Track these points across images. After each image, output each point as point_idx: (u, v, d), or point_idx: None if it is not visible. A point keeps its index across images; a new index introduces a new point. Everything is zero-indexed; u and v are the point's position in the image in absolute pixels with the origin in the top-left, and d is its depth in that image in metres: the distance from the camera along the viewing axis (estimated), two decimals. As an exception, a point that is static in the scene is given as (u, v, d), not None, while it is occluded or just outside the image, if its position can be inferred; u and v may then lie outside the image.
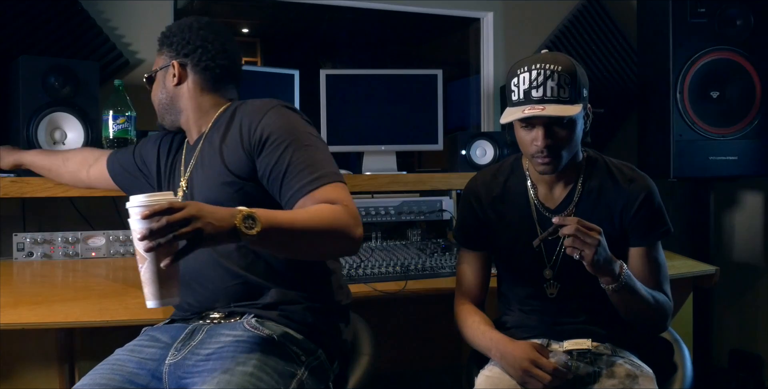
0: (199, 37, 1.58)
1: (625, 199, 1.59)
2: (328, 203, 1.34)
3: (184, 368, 1.38)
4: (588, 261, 1.41)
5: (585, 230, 1.40)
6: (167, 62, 1.61)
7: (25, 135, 2.18)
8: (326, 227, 1.30)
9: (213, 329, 1.45)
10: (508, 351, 1.54)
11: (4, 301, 1.70)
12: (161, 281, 1.18)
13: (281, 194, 1.42)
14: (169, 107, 1.63)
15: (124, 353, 1.45)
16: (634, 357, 1.61)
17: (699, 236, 3.05)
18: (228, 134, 1.51)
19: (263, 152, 1.43)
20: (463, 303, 1.71)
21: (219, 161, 1.49)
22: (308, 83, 2.77)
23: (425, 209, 2.53)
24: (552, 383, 1.47)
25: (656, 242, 1.62)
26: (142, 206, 1.16)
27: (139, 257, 1.17)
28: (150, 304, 1.20)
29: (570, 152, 1.55)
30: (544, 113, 1.46)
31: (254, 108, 1.50)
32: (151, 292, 1.18)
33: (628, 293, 1.49)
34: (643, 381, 1.53)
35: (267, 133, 1.43)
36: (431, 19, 3.22)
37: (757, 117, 2.86)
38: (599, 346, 1.60)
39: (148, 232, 1.12)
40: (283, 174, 1.40)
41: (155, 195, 1.17)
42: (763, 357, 3.23)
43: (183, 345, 1.43)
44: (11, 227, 2.35)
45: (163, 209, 1.13)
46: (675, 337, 1.75)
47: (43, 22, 2.40)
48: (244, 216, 1.18)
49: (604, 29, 3.23)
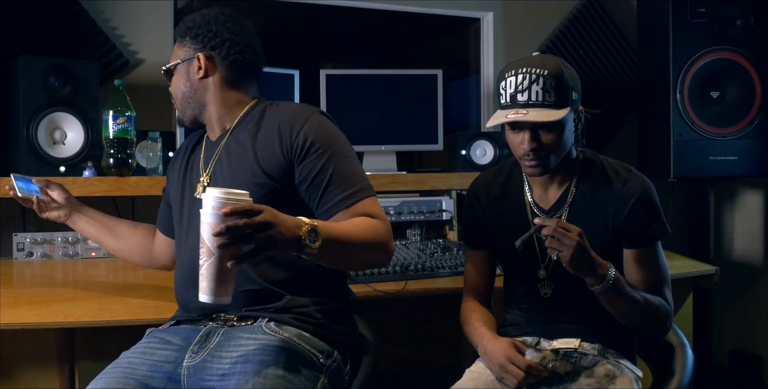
0: (227, 29, 1.54)
1: (618, 200, 1.58)
2: (368, 217, 1.40)
3: (207, 371, 1.37)
4: (566, 262, 1.42)
5: (563, 231, 1.40)
6: (191, 54, 1.56)
7: (25, 135, 2.18)
8: (370, 241, 1.36)
9: (229, 332, 1.43)
10: (489, 347, 1.57)
11: (4, 301, 1.70)
12: (221, 279, 1.17)
13: (320, 202, 1.44)
14: (192, 100, 1.58)
15: (134, 356, 1.42)
16: (623, 359, 1.61)
17: (699, 236, 3.05)
18: (260, 133, 1.50)
19: (306, 159, 1.44)
20: (468, 300, 1.74)
21: (252, 160, 1.47)
22: (308, 83, 2.77)
23: (425, 209, 2.53)
24: (526, 380, 1.49)
25: (652, 245, 1.59)
26: (222, 201, 1.15)
27: (206, 250, 1.16)
28: (203, 298, 1.19)
29: (558, 154, 1.56)
30: (527, 118, 1.47)
31: (294, 111, 1.50)
32: (209, 287, 1.18)
33: (615, 295, 1.48)
34: (620, 382, 1.53)
35: (310, 140, 1.44)
36: (431, 19, 3.22)
37: (757, 117, 2.86)
38: (587, 346, 1.60)
39: (225, 229, 1.12)
40: (325, 184, 1.43)
41: (232, 192, 1.17)
42: (763, 357, 3.23)
43: (200, 348, 1.40)
44: (11, 227, 2.35)
45: (244, 210, 1.14)
46: (682, 342, 1.71)
47: (43, 22, 2.40)
48: (309, 229, 1.21)
49: (604, 29, 3.23)
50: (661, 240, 1.61)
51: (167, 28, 2.64)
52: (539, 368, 1.51)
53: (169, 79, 1.63)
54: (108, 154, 2.24)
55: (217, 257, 1.15)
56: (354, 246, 1.33)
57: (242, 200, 1.16)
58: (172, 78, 1.61)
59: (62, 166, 2.24)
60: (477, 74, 3.26)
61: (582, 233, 1.42)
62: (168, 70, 1.61)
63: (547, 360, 1.58)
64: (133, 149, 2.28)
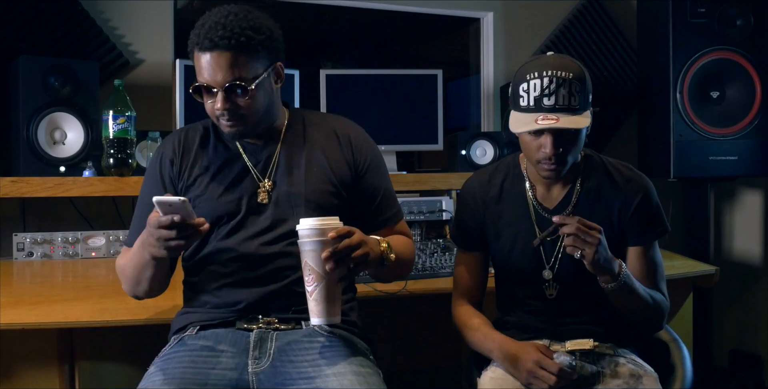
0: (278, 31, 1.51)
1: (622, 199, 1.59)
2: (404, 236, 1.61)
3: (284, 375, 1.39)
4: (589, 260, 1.42)
5: (586, 229, 1.41)
6: (267, 65, 1.47)
7: (25, 135, 2.18)
8: (410, 258, 1.60)
9: (282, 336, 1.45)
10: (511, 352, 1.54)
11: (4, 301, 1.70)
12: (333, 301, 1.29)
13: (371, 215, 1.57)
14: (270, 111, 1.53)
15: (186, 366, 1.38)
16: (636, 357, 1.61)
17: (699, 236, 3.05)
18: (320, 142, 1.57)
19: (367, 173, 1.58)
20: (462, 304, 1.70)
21: (325, 168, 1.54)
22: (308, 83, 2.77)
23: (425, 209, 2.53)
24: (557, 384, 1.47)
25: (653, 242, 1.62)
26: (322, 229, 1.27)
27: (315, 276, 1.27)
28: (317, 321, 1.31)
29: (575, 157, 1.56)
30: (559, 124, 1.45)
31: (346, 124, 1.63)
32: (323, 310, 1.29)
33: (626, 292, 1.50)
34: (647, 381, 1.54)
35: (370, 155, 1.60)
36: (431, 19, 3.22)
37: (757, 117, 2.86)
38: (601, 346, 1.60)
39: (335, 252, 1.26)
40: (379, 200, 1.58)
41: (326, 219, 1.30)
42: (763, 357, 3.23)
43: (261, 353, 1.42)
44: (11, 227, 2.35)
45: (345, 233, 1.29)
46: (674, 337, 1.75)
47: (43, 22, 2.40)
48: (387, 244, 1.42)
49: (604, 29, 3.23)
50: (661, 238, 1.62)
51: (167, 28, 2.63)
52: (569, 371, 1.50)
53: (241, 96, 1.44)
54: (108, 154, 2.24)
55: (328, 280, 1.27)
56: (404, 261, 1.54)
57: (337, 224, 1.30)
58: (249, 93, 1.44)
59: (62, 166, 2.24)
60: (477, 74, 3.26)
61: (602, 230, 1.43)
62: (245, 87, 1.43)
63: (576, 363, 1.56)
64: (133, 149, 2.28)
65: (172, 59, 2.62)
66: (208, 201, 1.52)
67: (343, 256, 1.28)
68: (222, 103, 1.43)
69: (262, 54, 1.45)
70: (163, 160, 1.57)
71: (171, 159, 1.56)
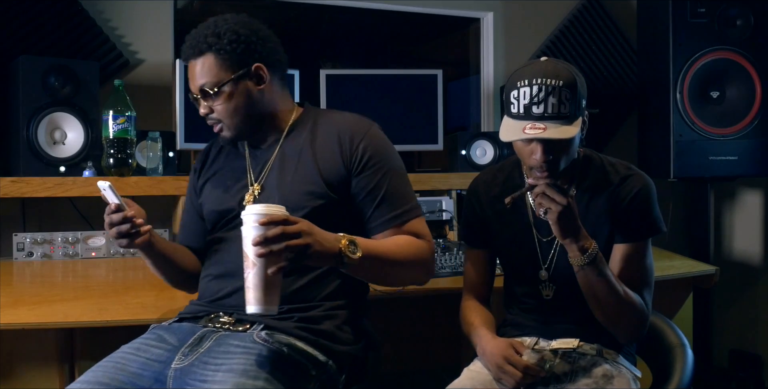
0: (266, 35, 1.52)
1: (617, 197, 1.58)
2: (415, 237, 1.49)
3: (191, 375, 1.37)
4: (553, 219, 1.42)
5: (554, 191, 1.42)
6: (243, 68, 1.48)
7: (25, 135, 2.18)
8: (410, 260, 1.46)
9: (222, 338, 1.43)
10: (487, 347, 1.57)
11: (4, 301, 1.70)
12: (266, 289, 1.24)
13: (371, 216, 1.51)
14: (252, 115, 1.52)
15: (129, 351, 1.43)
16: (621, 359, 1.61)
17: (699, 236, 3.05)
18: (318, 142, 1.53)
19: (363, 172, 1.50)
20: (468, 299, 1.73)
21: (312, 168, 1.51)
22: (308, 83, 2.77)
23: (425, 209, 2.52)
24: (524, 380, 1.50)
25: (643, 243, 1.58)
26: (259, 214, 1.23)
27: (249, 262, 1.24)
28: (250, 309, 1.25)
29: (567, 161, 1.55)
30: (545, 135, 1.44)
31: (353, 121, 1.56)
32: (255, 297, 1.24)
33: (594, 273, 1.46)
34: (618, 382, 1.53)
35: (369, 153, 1.51)
36: (431, 19, 3.22)
37: (757, 117, 2.86)
38: (585, 346, 1.60)
39: (263, 238, 1.20)
40: (379, 200, 1.50)
41: (271, 207, 1.25)
42: (763, 357, 3.23)
43: (190, 351, 1.41)
44: (11, 227, 2.35)
45: (280, 220, 1.22)
46: (682, 342, 1.70)
47: (43, 22, 2.40)
48: (349, 241, 1.30)
49: (604, 29, 3.23)
50: (652, 238, 1.60)
51: (167, 28, 2.63)
52: (536, 369, 1.51)
53: (212, 100, 1.50)
54: (108, 154, 2.24)
55: (259, 267, 1.22)
56: (393, 262, 1.42)
57: (279, 212, 1.24)
58: (218, 98, 1.49)
59: (62, 166, 2.24)
60: (477, 74, 3.26)
61: (573, 198, 1.44)
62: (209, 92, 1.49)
63: (545, 360, 1.58)
64: (133, 149, 2.28)
65: (172, 59, 2.62)
66: (208, 204, 1.62)
67: (273, 243, 1.20)
68: (200, 109, 1.53)
69: (229, 57, 1.47)
70: (194, 169, 1.71)
71: (195, 167, 1.70)
